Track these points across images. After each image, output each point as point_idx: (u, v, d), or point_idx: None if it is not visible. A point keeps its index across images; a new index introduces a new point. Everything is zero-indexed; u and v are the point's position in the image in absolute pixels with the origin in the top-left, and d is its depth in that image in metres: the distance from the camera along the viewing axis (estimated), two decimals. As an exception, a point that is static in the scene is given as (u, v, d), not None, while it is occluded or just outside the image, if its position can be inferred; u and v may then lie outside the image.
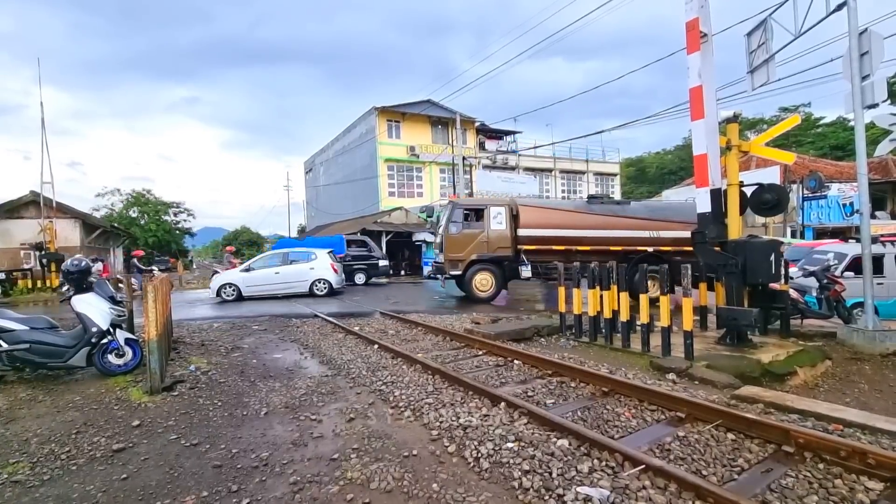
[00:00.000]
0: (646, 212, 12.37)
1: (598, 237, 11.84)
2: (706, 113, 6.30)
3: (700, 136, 6.41)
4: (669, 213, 12.31)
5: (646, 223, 11.97)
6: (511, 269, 12.42)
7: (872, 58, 6.14)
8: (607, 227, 11.92)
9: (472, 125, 32.78)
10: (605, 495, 2.72)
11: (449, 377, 5.16)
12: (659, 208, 13.14)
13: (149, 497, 2.92)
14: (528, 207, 12.39)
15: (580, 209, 12.37)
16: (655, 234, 11.89)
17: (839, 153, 33.24)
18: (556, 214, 12.28)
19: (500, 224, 12.25)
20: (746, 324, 6.04)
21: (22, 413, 4.48)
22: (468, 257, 12.17)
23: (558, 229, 11.92)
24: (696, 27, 6.28)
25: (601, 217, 12.02)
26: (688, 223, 11.81)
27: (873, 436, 3.48)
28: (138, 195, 42.75)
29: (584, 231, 11.88)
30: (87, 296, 5.57)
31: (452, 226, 12.30)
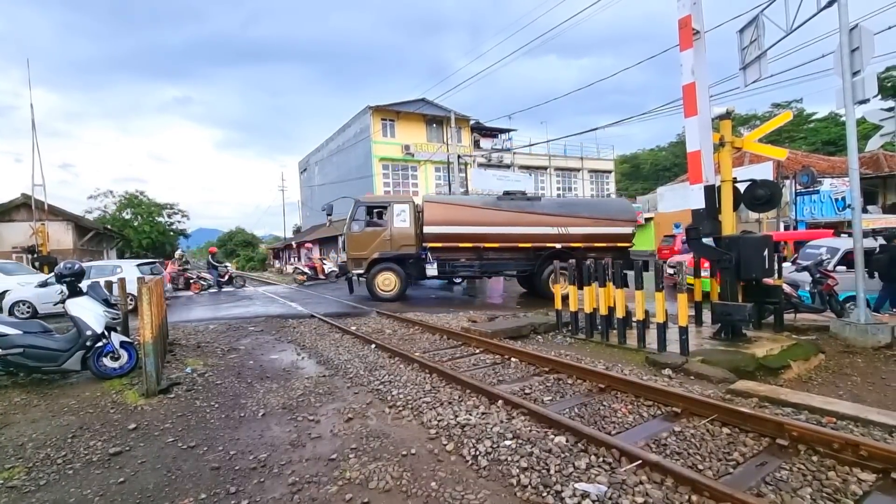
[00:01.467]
0: (555, 207, 12.30)
1: (507, 234, 11.77)
2: (699, 110, 6.33)
3: (694, 132, 6.44)
4: (579, 209, 12.30)
5: (554, 219, 11.93)
6: (417, 268, 12.28)
7: (863, 53, 6.18)
8: (516, 224, 11.85)
9: (466, 123, 32.76)
10: (603, 491, 2.74)
11: (446, 376, 5.17)
12: (569, 204, 13.17)
13: (146, 500, 2.91)
14: (433, 204, 12.25)
15: (488, 205, 12.29)
16: (564, 230, 11.87)
17: (831, 148, 33.48)
18: (463, 211, 12.12)
19: (404, 222, 12.11)
20: (741, 319, 6.09)
21: (17, 418, 4.45)
22: (370, 256, 12.00)
23: (465, 226, 11.79)
24: (689, 24, 6.30)
25: (509, 213, 11.92)
26: (597, 218, 12.03)
27: (866, 428, 3.53)
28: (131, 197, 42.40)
29: (492, 228, 11.79)
30: (80, 299, 5.54)
31: (355, 224, 12.14)
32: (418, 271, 12.30)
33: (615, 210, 12.60)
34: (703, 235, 6.54)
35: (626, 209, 12.75)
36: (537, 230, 11.87)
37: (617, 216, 12.17)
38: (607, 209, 12.62)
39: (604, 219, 12.03)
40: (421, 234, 12.03)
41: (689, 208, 6.78)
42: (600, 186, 38.82)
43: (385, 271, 12.09)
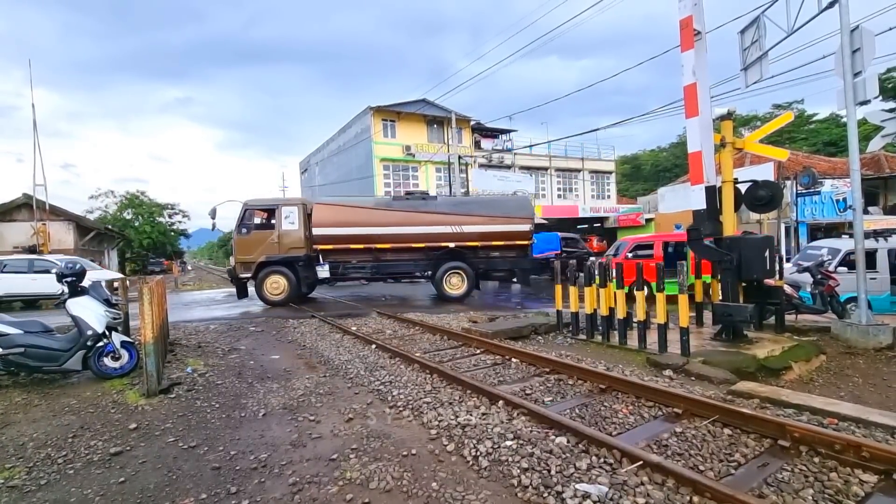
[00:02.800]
0: (449, 206, 12.21)
1: (399, 234, 11.69)
2: (700, 110, 6.33)
3: (695, 133, 6.44)
4: (474, 207, 12.21)
5: (449, 218, 11.84)
6: (307, 270, 12.13)
7: (864, 54, 6.18)
8: (409, 224, 11.76)
9: (467, 124, 32.77)
10: (604, 492, 2.73)
11: (447, 376, 5.17)
12: (464, 202, 12.96)
13: (147, 500, 2.91)
14: (323, 206, 12.16)
15: (380, 206, 12.25)
16: (459, 228, 11.78)
17: (832, 149, 33.44)
18: (354, 212, 12.05)
19: (292, 224, 11.93)
20: (742, 320, 6.08)
21: (18, 417, 4.45)
22: (257, 259, 11.79)
23: (356, 227, 11.72)
24: (690, 25, 6.30)
25: (402, 213, 11.85)
26: (493, 216, 11.96)
27: (867, 429, 3.52)
28: (132, 197, 42.46)
29: (384, 228, 11.72)
30: (81, 299, 5.54)
31: (243, 227, 11.97)
32: (309, 273, 12.12)
33: (512, 207, 12.43)
34: (704, 236, 6.53)
35: (523, 206, 12.55)
36: (431, 230, 11.79)
37: (514, 213, 12.05)
38: (504, 207, 12.49)
39: (500, 216, 11.95)
40: (311, 237, 11.89)
41: (689, 209, 6.78)
42: (601, 187, 38.80)
43: (273, 275, 11.81)
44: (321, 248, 11.84)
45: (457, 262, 12.03)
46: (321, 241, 11.79)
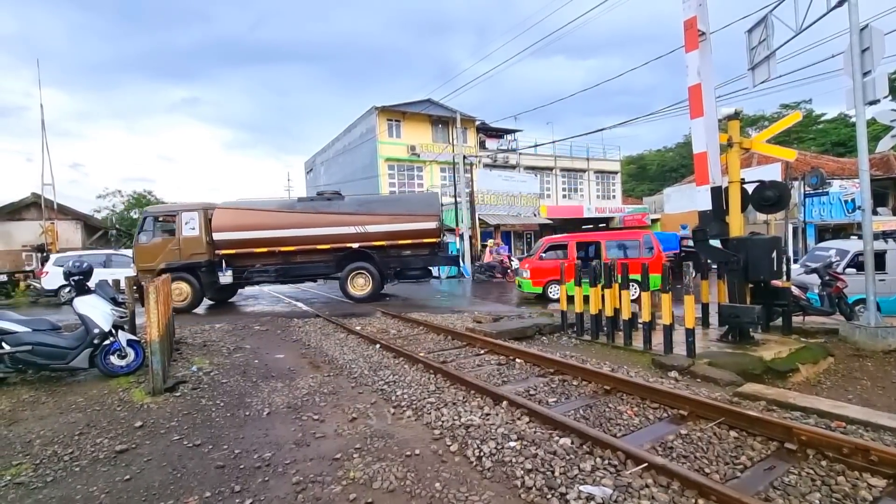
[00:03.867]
0: (353, 206, 12.10)
1: (303, 236, 11.58)
2: (706, 111, 6.29)
3: (700, 133, 6.40)
4: (378, 206, 12.12)
5: (353, 218, 11.75)
6: (210, 276, 12.00)
7: (873, 54, 6.12)
8: (312, 225, 11.65)
9: (472, 124, 32.76)
10: (608, 494, 2.72)
11: (451, 376, 5.16)
12: (368, 202, 12.78)
13: (152, 498, 2.93)
14: (223, 210, 12.04)
15: (283, 208, 12.15)
16: (363, 228, 11.68)
17: (841, 150, 33.14)
18: (255, 215, 11.92)
19: (193, 230, 11.78)
20: (749, 321, 6.03)
21: (25, 415, 4.49)
22: (158, 266, 11.59)
23: (257, 231, 11.58)
24: (695, 25, 6.25)
25: (305, 215, 11.75)
26: (397, 215, 11.83)
27: (876, 433, 3.48)
28: (139, 196, 42.79)
29: (287, 231, 11.61)
30: (88, 297, 5.58)
31: (143, 235, 11.88)
32: (214, 280, 12.00)
33: (417, 205, 12.35)
34: (710, 237, 6.49)
35: (428, 203, 12.42)
36: (335, 230, 11.71)
37: (418, 211, 11.97)
38: (408, 205, 12.42)
39: (404, 215, 11.87)
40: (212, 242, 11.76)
41: (695, 209, 6.74)
42: (606, 187, 38.65)
43: (175, 281, 11.51)
44: (224, 253, 11.73)
45: (361, 263, 11.97)
46: (223, 246, 11.69)
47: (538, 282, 13.04)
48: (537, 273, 13.12)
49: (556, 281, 12.88)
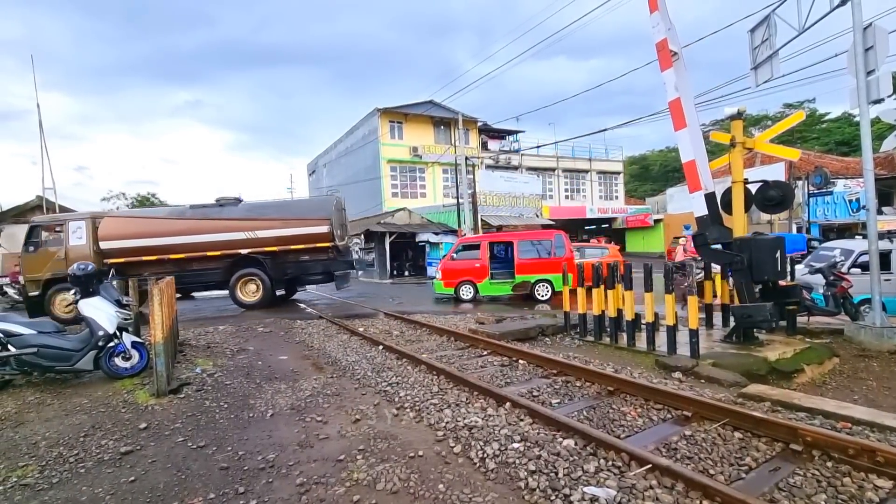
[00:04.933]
0: (244, 212, 11.98)
1: (193, 243, 11.47)
2: (688, 122, 6.39)
3: (686, 143, 6.48)
4: (269, 212, 11.98)
5: (243, 224, 11.62)
6: None
7: (877, 53, 6.09)
8: (202, 232, 11.53)
9: (474, 125, 32.78)
10: (612, 495, 2.71)
11: (454, 377, 5.16)
12: (259, 207, 12.62)
13: (156, 499, 2.94)
14: (111, 219, 11.95)
15: (172, 216, 12.03)
16: (253, 234, 11.56)
17: (845, 149, 32.99)
18: (144, 223, 11.82)
19: (80, 239, 11.56)
20: (762, 319, 5.91)
21: (30, 416, 4.52)
22: (44, 276, 11.40)
23: (145, 239, 11.47)
24: (666, 47, 6.41)
25: (195, 222, 11.65)
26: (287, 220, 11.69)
27: (882, 433, 3.46)
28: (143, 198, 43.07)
29: (176, 238, 11.48)
30: (93, 300, 5.61)
31: (30, 245, 11.66)
32: None
33: (307, 210, 12.26)
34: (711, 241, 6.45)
35: (319, 208, 12.23)
36: (224, 237, 11.58)
37: (310, 216, 11.88)
38: (299, 209, 12.34)
39: (294, 220, 11.79)
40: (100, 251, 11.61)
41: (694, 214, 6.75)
42: (609, 188, 38.60)
43: (62, 291, 11.31)
44: (112, 262, 11.55)
45: (251, 269, 11.89)
46: (111, 255, 11.57)
47: (450, 283, 13.16)
48: (449, 274, 13.23)
49: (468, 281, 13.03)
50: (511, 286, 13.01)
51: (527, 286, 12.85)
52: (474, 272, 13.07)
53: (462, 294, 13.06)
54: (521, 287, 12.89)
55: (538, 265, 12.91)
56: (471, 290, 13.11)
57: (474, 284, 13.07)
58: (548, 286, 12.97)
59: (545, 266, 12.92)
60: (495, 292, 13.13)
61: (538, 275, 12.88)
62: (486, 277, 13.04)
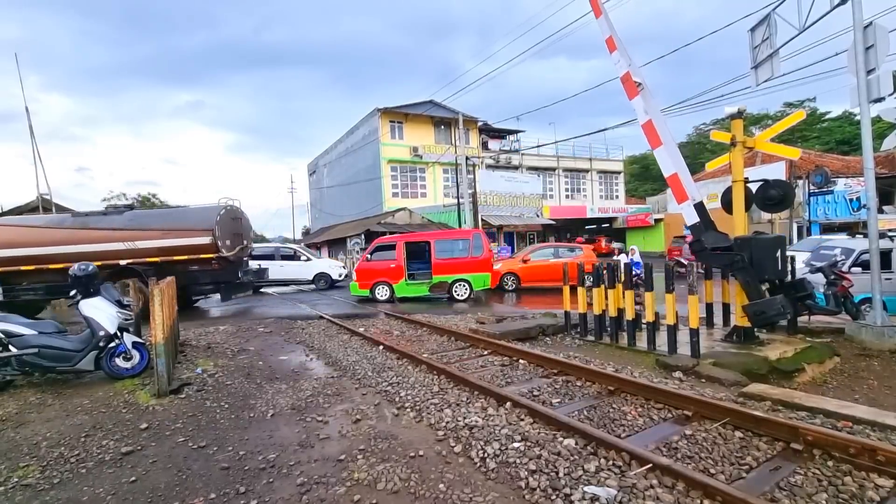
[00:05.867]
0: (125, 222, 11.75)
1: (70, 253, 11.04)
2: (663, 140, 6.63)
3: (665, 159, 6.68)
4: (151, 221, 11.81)
5: (123, 234, 11.39)
6: None
7: (878, 51, 6.09)
8: (81, 242, 11.27)
9: (474, 125, 32.78)
10: (613, 494, 2.71)
11: (454, 377, 5.16)
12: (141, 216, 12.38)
13: (157, 499, 2.94)
14: None
15: (51, 225, 11.84)
16: (132, 244, 11.37)
17: (845, 148, 32.96)
18: (20, 232, 11.57)
19: None
20: (775, 314, 5.83)
21: (31, 417, 4.52)
22: None
23: (23, 248, 11.25)
24: (630, 78, 6.76)
25: (74, 231, 11.45)
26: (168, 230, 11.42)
27: (883, 432, 3.46)
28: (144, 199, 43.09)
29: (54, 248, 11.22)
30: (94, 300, 5.62)
31: None
32: None
33: (191, 220, 11.94)
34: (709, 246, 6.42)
35: (203, 218, 11.82)
36: (104, 247, 11.32)
37: (193, 226, 11.61)
38: (181, 219, 12.05)
39: (176, 230, 11.56)
40: None
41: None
42: (609, 187, 38.59)
43: None
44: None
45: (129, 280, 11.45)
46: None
47: (364, 284, 13.06)
48: (364, 275, 13.12)
49: (384, 282, 12.93)
50: (428, 286, 12.94)
51: (445, 286, 12.83)
52: (390, 273, 12.96)
53: (378, 295, 12.91)
54: (439, 287, 12.87)
55: (456, 265, 12.92)
56: (387, 290, 12.96)
57: (390, 285, 12.93)
58: (466, 286, 12.95)
59: (463, 266, 12.93)
60: (412, 293, 13.03)
61: (456, 275, 12.86)
62: (403, 278, 12.92)
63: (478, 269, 13.01)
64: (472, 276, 12.92)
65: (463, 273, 12.93)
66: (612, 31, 6.93)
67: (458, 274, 12.90)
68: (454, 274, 12.89)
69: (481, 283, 13.09)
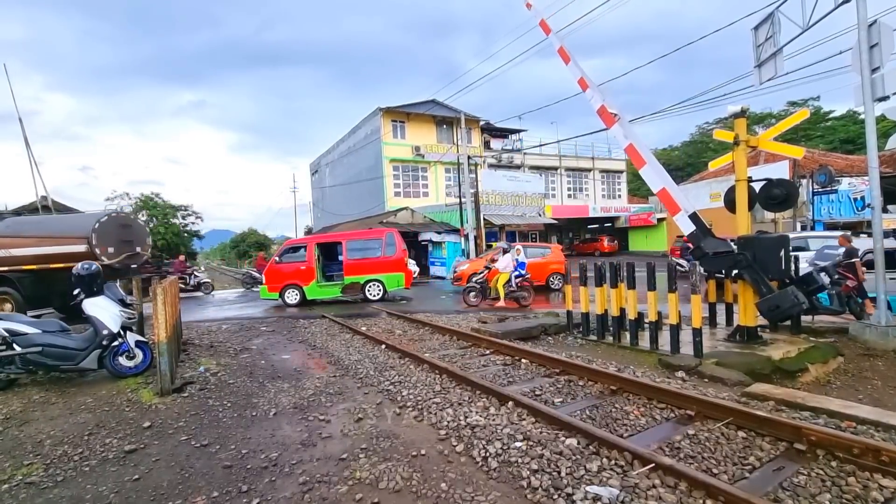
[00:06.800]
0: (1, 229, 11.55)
1: None
2: (646, 159, 6.91)
3: (651, 176, 6.91)
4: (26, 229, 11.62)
5: None
6: None
7: (882, 50, 6.05)
8: None
9: (476, 124, 32.75)
10: (615, 494, 2.70)
11: (456, 376, 5.16)
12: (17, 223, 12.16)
13: (160, 497, 2.95)
14: None
15: None
16: (7, 252, 11.21)
17: (849, 147, 32.78)
18: None
19: None
20: (791, 305, 5.74)
21: (35, 415, 4.54)
22: None
23: None
24: (606, 111, 7.15)
25: None
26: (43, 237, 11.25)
27: (887, 433, 3.44)
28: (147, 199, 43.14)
29: None
30: (97, 299, 5.64)
31: None
32: None
33: (66, 228, 11.79)
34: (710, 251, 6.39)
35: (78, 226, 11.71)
36: None
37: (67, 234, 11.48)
38: (58, 227, 11.92)
39: (51, 238, 11.42)
40: None
41: (700, 208, 6.76)
42: (612, 187, 38.51)
43: None
44: None
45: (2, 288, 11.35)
46: None
47: (274, 287, 12.76)
48: (273, 278, 12.81)
49: (294, 285, 12.66)
50: (340, 288, 12.79)
51: (357, 287, 12.70)
52: (300, 275, 12.71)
53: (287, 299, 12.61)
54: (351, 288, 12.73)
55: (368, 265, 12.80)
56: (297, 294, 12.67)
57: (300, 288, 12.67)
58: (379, 286, 12.82)
59: (375, 266, 12.81)
60: (324, 295, 12.88)
61: (368, 275, 12.75)
62: (314, 280, 12.71)
63: (390, 268, 12.86)
64: (385, 277, 12.75)
65: (376, 273, 12.79)
66: (583, 73, 7.41)
67: (371, 274, 12.77)
68: (367, 274, 12.75)
69: (395, 283, 12.91)
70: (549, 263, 14.65)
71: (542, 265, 14.54)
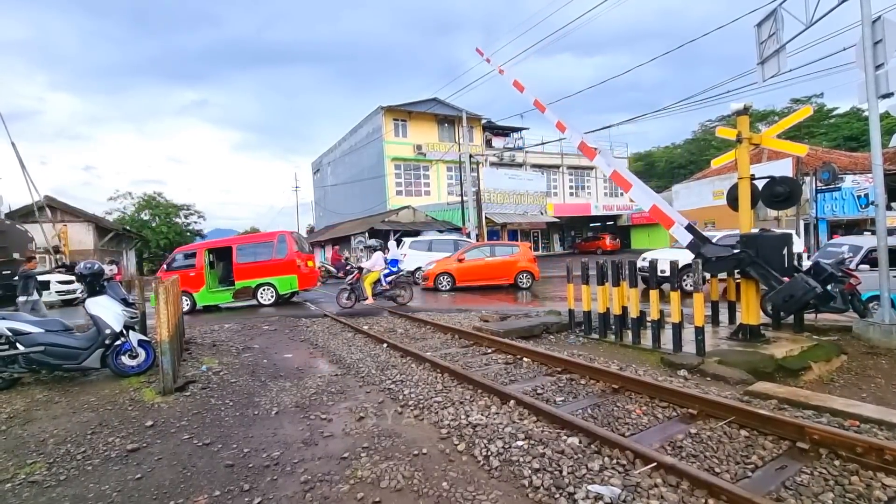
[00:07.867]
0: None
1: None
2: (631, 181, 7.09)
3: (640, 196, 7.10)
4: None
5: None
6: None
7: (886, 46, 6.01)
8: None
9: (478, 123, 32.74)
10: (617, 493, 2.70)
11: (458, 375, 5.16)
12: None
13: (162, 496, 2.96)
14: None
15: None
16: None
17: (853, 144, 32.63)
18: None
19: None
20: (804, 292, 5.63)
21: (39, 414, 4.57)
22: None
23: None
24: (586, 145, 7.52)
25: None
26: None
27: (891, 431, 3.42)
28: (150, 198, 43.30)
29: None
30: (100, 298, 5.66)
31: None
32: None
33: None
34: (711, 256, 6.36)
35: None
36: None
37: None
38: None
39: None
40: None
41: (703, 206, 6.71)
42: (614, 185, 38.36)
43: None
44: None
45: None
46: None
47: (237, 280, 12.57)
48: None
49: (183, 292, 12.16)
50: (232, 293, 12.61)
51: (249, 291, 12.54)
52: (190, 282, 12.38)
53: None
54: (243, 293, 12.57)
55: (259, 269, 12.59)
56: (187, 301, 12.28)
57: (191, 295, 12.39)
58: (271, 289, 12.64)
59: (267, 269, 12.61)
60: (215, 301, 12.64)
61: (260, 279, 12.55)
62: (204, 286, 12.49)
63: (282, 271, 12.64)
64: (276, 280, 12.56)
65: (267, 276, 12.58)
66: (560, 117, 7.95)
67: (263, 278, 12.58)
68: (258, 278, 12.55)
69: (287, 285, 12.70)
70: (516, 262, 14.83)
71: (510, 263, 14.74)
